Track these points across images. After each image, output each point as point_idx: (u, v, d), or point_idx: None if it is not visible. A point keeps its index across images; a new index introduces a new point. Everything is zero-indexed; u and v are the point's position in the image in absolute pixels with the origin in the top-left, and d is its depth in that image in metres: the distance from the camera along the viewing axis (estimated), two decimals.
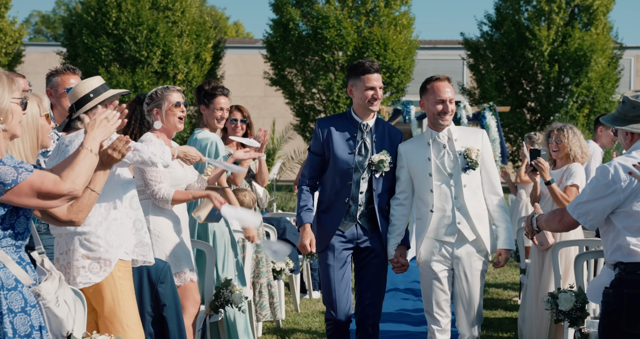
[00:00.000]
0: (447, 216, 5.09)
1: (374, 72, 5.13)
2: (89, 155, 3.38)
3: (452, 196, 5.09)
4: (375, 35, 22.82)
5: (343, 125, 5.20)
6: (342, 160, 5.13)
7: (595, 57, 22.48)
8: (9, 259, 3.18)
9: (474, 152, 5.10)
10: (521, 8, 23.72)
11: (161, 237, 4.91)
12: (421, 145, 5.19)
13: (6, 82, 3.27)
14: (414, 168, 5.15)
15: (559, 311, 5.28)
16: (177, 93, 5.13)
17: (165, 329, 4.76)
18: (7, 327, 3.12)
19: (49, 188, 3.19)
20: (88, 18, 22.65)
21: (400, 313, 8.26)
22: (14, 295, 3.16)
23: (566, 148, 6.57)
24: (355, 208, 5.15)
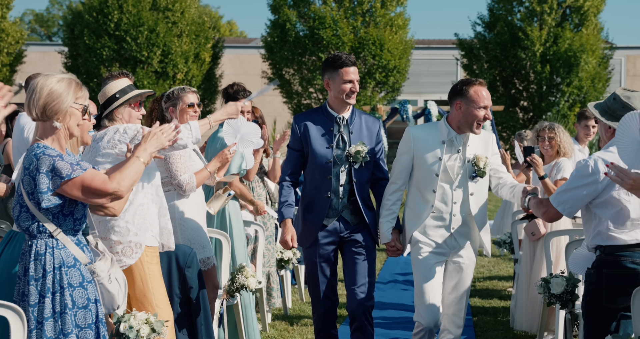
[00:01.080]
0: (443, 218, 5.06)
1: (351, 65, 5.07)
2: (138, 162, 3.78)
3: (452, 200, 5.05)
4: (371, 36, 23.23)
5: (319, 119, 5.16)
6: (320, 154, 5.09)
7: (586, 57, 22.90)
8: (69, 240, 3.61)
9: (482, 160, 5.02)
10: (514, 9, 24.13)
11: (186, 226, 5.31)
12: (434, 140, 5.06)
13: (73, 88, 3.69)
14: (420, 162, 5.05)
15: (551, 294, 5.72)
16: (192, 94, 5.53)
17: (192, 310, 5.19)
18: (67, 299, 3.55)
19: (97, 186, 3.61)
20: (90, 19, 23.02)
21: (401, 301, 8.69)
22: (73, 272, 3.60)
23: (556, 145, 7.07)
24: (337, 202, 5.12)
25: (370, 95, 23.45)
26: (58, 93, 3.64)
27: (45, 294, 3.55)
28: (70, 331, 3.51)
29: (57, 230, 3.61)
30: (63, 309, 3.53)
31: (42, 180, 3.55)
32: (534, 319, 7.00)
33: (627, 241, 4.33)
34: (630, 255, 4.33)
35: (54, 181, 3.56)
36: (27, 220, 3.61)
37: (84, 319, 3.60)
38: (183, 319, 5.16)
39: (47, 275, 3.56)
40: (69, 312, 3.55)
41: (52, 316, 3.53)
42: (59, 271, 3.57)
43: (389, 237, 5.14)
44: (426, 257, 5.10)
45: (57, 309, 3.54)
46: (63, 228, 3.61)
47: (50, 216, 3.60)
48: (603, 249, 4.37)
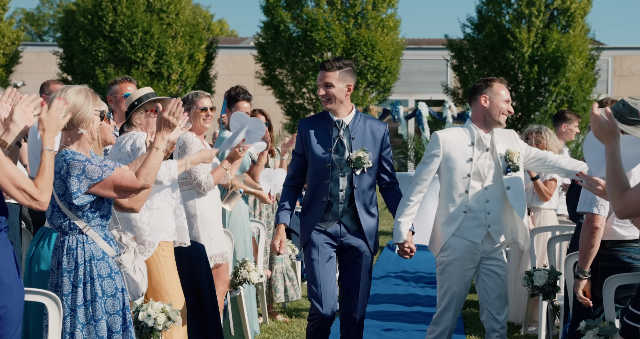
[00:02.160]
0: (478, 218, 5.03)
1: (324, 69, 5.05)
2: (158, 153, 4.17)
3: (485, 199, 5.03)
4: (363, 37, 23.58)
5: (321, 123, 5.14)
6: (318, 158, 5.08)
7: (573, 58, 23.31)
8: (97, 236, 3.99)
9: (515, 155, 5.05)
10: (502, 11, 24.51)
11: (206, 221, 5.66)
12: (463, 142, 5.08)
13: (91, 98, 4.08)
14: (451, 164, 5.04)
15: (534, 286, 6.13)
16: (205, 99, 5.90)
17: (201, 301, 5.57)
18: (97, 288, 3.93)
19: (127, 184, 4.00)
20: (85, 21, 23.31)
21: (394, 295, 9.07)
22: (102, 264, 3.98)
23: (545, 147, 7.48)
24: (337, 206, 5.09)
25: (362, 96, 23.84)
26: (81, 104, 4.02)
27: (78, 285, 3.92)
28: (101, 317, 3.89)
29: (86, 226, 3.98)
30: (93, 298, 3.90)
31: (73, 183, 3.92)
32: (520, 311, 7.42)
33: (625, 237, 4.73)
34: (627, 249, 4.72)
35: (84, 183, 3.93)
36: (59, 218, 3.98)
37: (113, 307, 3.98)
38: (193, 310, 5.53)
39: (79, 267, 3.93)
40: (98, 300, 3.92)
41: (84, 304, 3.90)
42: (90, 264, 3.94)
43: (404, 237, 5.05)
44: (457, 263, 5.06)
45: (88, 298, 3.92)
46: (91, 224, 3.99)
47: (80, 214, 3.97)
48: (602, 243, 4.76)
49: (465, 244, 5.05)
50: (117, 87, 6.06)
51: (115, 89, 6.06)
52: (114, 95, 6.06)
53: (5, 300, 3.30)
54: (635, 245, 4.69)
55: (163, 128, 4.29)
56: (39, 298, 3.68)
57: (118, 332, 4.00)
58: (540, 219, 7.48)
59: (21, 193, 3.36)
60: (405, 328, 7.47)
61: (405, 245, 5.05)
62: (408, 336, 7.19)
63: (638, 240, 4.67)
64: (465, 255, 5.06)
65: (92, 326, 3.92)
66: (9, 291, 3.32)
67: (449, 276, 5.08)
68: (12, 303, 3.33)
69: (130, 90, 5.98)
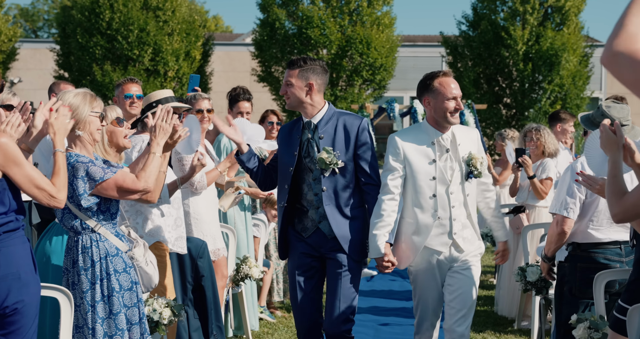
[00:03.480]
0: (443, 225, 4.70)
1: (288, 67, 4.82)
2: (156, 158, 4.27)
3: (450, 204, 4.69)
4: (358, 34, 23.72)
5: (295, 126, 4.90)
6: (282, 162, 4.86)
7: (567, 55, 23.50)
8: (109, 233, 4.13)
9: (478, 159, 4.72)
10: (497, 8, 24.68)
11: (199, 219, 5.84)
12: (423, 142, 4.73)
13: (88, 99, 4.21)
14: (415, 167, 4.70)
15: (527, 282, 6.30)
16: (203, 101, 6.05)
17: (203, 296, 5.72)
18: (114, 283, 4.08)
19: (128, 186, 4.13)
20: (82, 18, 23.42)
21: (390, 291, 9.24)
22: (117, 259, 4.13)
23: (542, 146, 7.67)
24: (314, 212, 4.78)
25: (357, 93, 23.99)
26: (76, 106, 4.15)
27: (95, 282, 4.07)
28: (119, 311, 4.05)
29: (97, 225, 4.13)
30: (111, 293, 4.06)
31: (79, 184, 4.06)
32: (514, 306, 7.59)
33: (601, 239, 4.93)
34: (603, 251, 4.92)
35: (89, 184, 4.08)
36: (70, 219, 4.13)
37: (130, 300, 4.14)
38: (195, 304, 5.69)
39: (95, 265, 4.08)
40: (116, 294, 4.08)
41: (102, 299, 4.06)
42: (105, 261, 4.09)
43: (382, 252, 4.66)
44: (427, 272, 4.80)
45: (106, 293, 4.07)
46: (102, 223, 4.13)
47: (90, 214, 4.12)
48: (578, 246, 4.96)
49: (431, 253, 4.73)
50: (122, 88, 6.20)
51: (119, 90, 6.21)
52: (119, 96, 6.21)
53: (23, 295, 3.45)
54: (610, 247, 4.90)
55: (157, 134, 4.35)
56: (52, 293, 3.83)
57: (136, 324, 4.16)
58: (535, 216, 7.65)
59: (41, 192, 3.51)
60: (401, 323, 7.64)
61: (384, 259, 4.67)
62: (404, 330, 7.35)
63: (613, 242, 4.88)
64: (432, 263, 4.75)
65: (112, 320, 4.07)
66: (26, 287, 3.47)
67: (419, 285, 4.82)
68: (28, 298, 3.48)
69: (135, 91, 6.13)
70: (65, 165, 3.72)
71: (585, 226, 4.95)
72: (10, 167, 3.44)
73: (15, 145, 3.52)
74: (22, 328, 3.47)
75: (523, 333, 7.20)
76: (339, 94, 23.93)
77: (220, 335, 5.75)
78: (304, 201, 4.81)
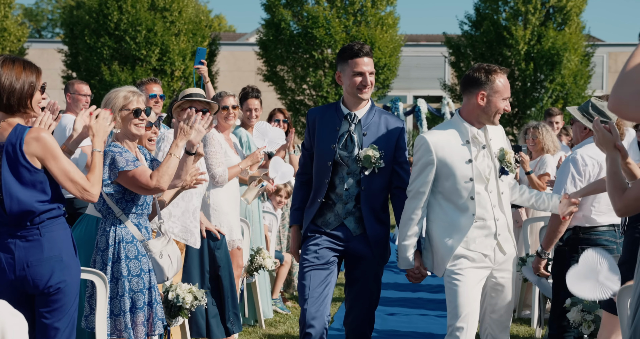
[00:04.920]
0: (487, 226, 4.45)
1: (363, 56, 4.56)
2: (173, 159, 4.45)
3: (491, 205, 4.46)
4: (362, 34, 24.02)
5: (330, 115, 4.69)
6: (321, 154, 4.63)
7: (568, 55, 23.78)
8: (129, 221, 4.45)
9: (511, 155, 4.55)
10: (499, 9, 24.96)
11: (218, 210, 6.15)
12: (457, 141, 4.46)
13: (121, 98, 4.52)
14: (449, 169, 4.42)
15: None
16: (228, 98, 6.36)
17: (220, 285, 6.04)
18: (123, 268, 4.41)
19: (142, 182, 4.39)
20: (90, 19, 23.78)
21: (396, 283, 9.56)
22: (130, 246, 4.44)
23: (541, 142, 8.00)
24: (341, 207, 4.61)
25: None
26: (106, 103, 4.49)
27: (107, 263, 4.40)
28: (123, 294, 4.37)
29: (120, 212, 4.45)
30: (119, 276, 4.37)
31: (105, 171, 4.37)
32: (516, 296, 7.91)
33: (601, 223, 5.30)
34: (603, 233, 5.30)
35: (112, 172, 4.40)
36: (100, 203, 4.47)
37: (137, 285, 4.43)
38: (213, 292, 6.01)
39: (109, 248, 4.41)
40: (123, 278, 4.39)
41: (112, 280, 4.39)
42: (118, 246, 4.41)
43: (412, 263, 4.49)
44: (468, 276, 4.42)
45: (116, 276, 4.39)
46: (126, 211, 4.45)
47: (115, 201, 4.44)
48: (580, 229, 5.31)
49: (476, 256, 4.45)
50: (145, 88, 6.54)
51: (142, 89, 6.55)
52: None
53: (65, 275, 3.79)
54: (608, 229, 5.26)
55: (178, 135, 4.53)
56: (89, 276, 4.17)
57: (141, 308, 4.44)
58: (532, 211, 7.98)
59: (74, 185, 3.82)
60: (408, 313, 7.97)
61: (415, 270, 4.52)
62: (410, 320, 7.68)
63: (610, 225, 5.23)
64: (475, 265, 4.45)
65: (117, 300, 4.39)
66: (68, 268, 3.81)
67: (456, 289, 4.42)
68: (70, 278, 3.81)
69: (157, 90, 6.47)
70: (101, 163, 4.02)
71: (589, 211, 5.31)
72: (49, 160, 3.75)
73: (53, 140, 3.82)
74: (65, 306, 3.80)
75: (524, 321, 7.51)
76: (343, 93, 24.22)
77: (237, 322, 6.07)
78: (333, 194, 4.62)
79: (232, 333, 6.02)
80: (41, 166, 3.77)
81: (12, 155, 3.71)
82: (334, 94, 24.14)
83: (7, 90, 3.73)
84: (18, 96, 3.75)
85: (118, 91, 4.56)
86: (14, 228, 3.75)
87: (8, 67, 3.75)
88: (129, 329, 4.36)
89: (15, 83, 3.73)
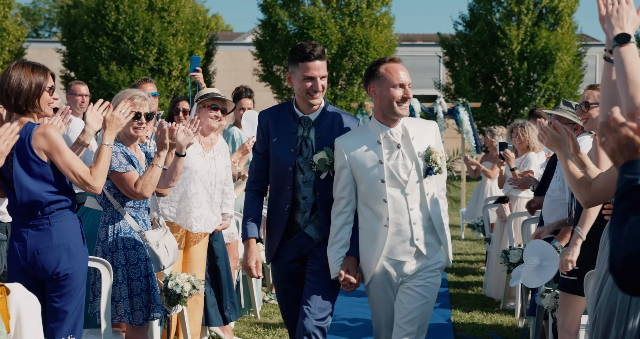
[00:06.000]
0: (403, 231, 4.14)
1: (314, 59, 4.20)
2: (156, 168, 4.63)
3: (408, 207, 4.13)
4: (357, 35, 24.34)
5: (285, 118, 4.36)
6: (280, 160, 4.32)
7: (561, 55, 24.12)
8: (127, 213, 4.74)
9: (438, 154, 4.17)
10: (493, 9, 25.29)
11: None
12: (368, 142, 4.17)
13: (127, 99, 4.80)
14: (360, 171, 4.16)
15: (510, 263, 6.93)
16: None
17: (217, 276, 6.32)
18: (121, 257, 4.69)
19: (128, 187, 4.60)
20: (88, 19, 24.08)
21: None
22: (128, 237, 4.72)
23: (527, 141, 8.32)
24: (300, 216, 4.33)
25: (357, 92, 24.63)
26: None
27: (107, 253, 4.69)
28: (122, 282, 4.65)
29: (118, 205, 4.73)
30: (118, 265, 4.67)
31: None
32: (500, 288, 8.24)
33: None
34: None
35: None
36: (101, 197, 4.77)
37: (135, 273, 4.72)
38: (211, 282, 6.30)
39: (109, 239, 4.70)
40: (121, 267, 4.67)
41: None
42: (117, 237, 4.69)
43: (337, 271, 4.19)
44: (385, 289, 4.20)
45: (115, 265, 4.67)
46: (125, 205, 4.74)
47: (113, 195, 4.73)
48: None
49: (391, 264, 4.17)
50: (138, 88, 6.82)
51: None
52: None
53: (72, 263, 4.08)
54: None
55: (158, 147, 4.73)
56: (95, 264, 4.47)
57: (139, 295, 4.72)
58: (517, 206, 8.30)
59: (77, 178, 4.10)
60: None
61: (340, 279, 4.19)
62: None
63: None
64: (393, 277, 4.18)
65: (117, 287, 4.68)
66: (76, 256, 4.10)
67: (376, 305, 4.25)
68: (77, 266, 4.10)
69: (150, 89, 6.75)
70: (107, 157, 4.26)
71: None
72: (54, 153, 4.03)
73: (59, 135, 4.10)
74: (72, 291, 4.10)
75: (508, 312, 7.83)
76: (338, 93, 24.56)
77: (234, 311, 6.35)
78: (290, 204, 4.33)
79: (229, 321, 6.30)
80: (48, 159, 4.04)
81: (21, 150, 3.99)
82: (330, 94, 24.44)
83: (15, 91, 4.00)
84: (25, 96, 4.01)
85: (127, 92, 4.82)
86: (26, 217, 4.06)
87: (17, 69, 4.04)
88: (128, 314, 4.65)
89: (23, 83, 4.00)
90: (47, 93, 4.11)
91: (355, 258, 4.22)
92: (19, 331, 3.32)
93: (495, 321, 7.39)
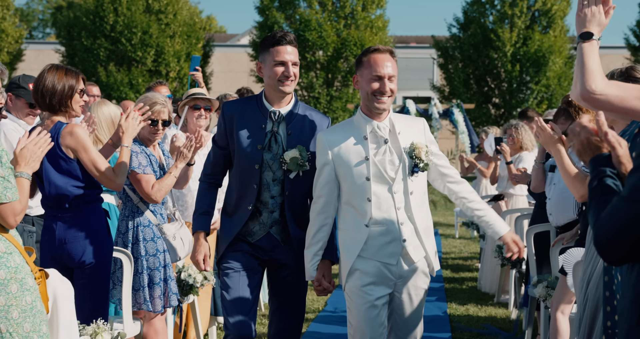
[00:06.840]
0: (389, 231, 3.87)
1: (285, 44, 4.03)
2: (171, 178, 4.96)
3: (395, 206, 3.89)
4: (353, 37, 24.64)
5: (252, 111, 4.10)
6: (245, 156, 4.07)
7: (553, 57, 24.46)
8: (146, 207, 5.05)
9: (422, 150, 3.90)
10: (486, 12, 25.62)
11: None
12: (354, 137, 3.92)
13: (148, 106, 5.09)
14: (344, 168, 3.90)
15: (503, 257, 7.24)
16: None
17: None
18: (141, 249, 4.98)
19: (143, 188, 4.91)
20: (87, 21, 24.33)
21: None
22: (147, 230, 5.03)
23: (520, 141, 8.64)
24: (267, 216, 4.10)
25: (352, 93, 24.94)
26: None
27: (127, 245, 4.98)
28: (142, 272, 4.94)
29: (137, 199, 5.03)
30: (138, 256, 4.96)
31: None
32: (494, 282, 8.56)
33: None
34: None
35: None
36: (122, 192, 5.07)
37: (154, 264, 5.01)
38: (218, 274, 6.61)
39: (129, 231, 4.99)
40: (141, 258, 4.96)
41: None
42: (137, 229, 4.98)
43: (313, 274, 3.98)
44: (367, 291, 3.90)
45: (135, 255, 4.97)
46: (143, 200, 5.04)
47: (132, 190, 5.03)
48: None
49: (375, 266, 3.91)
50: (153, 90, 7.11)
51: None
52: None
53: (96, 253, 4.38)
54: None
55: (179, 159, 5.06)
56: (118, 255, 4.77)
57: (158, 284, 5.01)
58: (512, 204, 8.62)
59: (101, 175, 4.40)
60: None
61: (315, 283, 4.01)
62: None
63: None
64: (377, 279, 3.90)
65: (137, 277, 4.97)
66: (100, 247, 4.40)
67: (356, 310, 3.91)
68: (101, 256, 4.40)
69: (164, 92, 7.03)
70: (127, 157, 4.58)
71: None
72: (80, 151, 4.34)
73: (85, 134, 4.41)
74: (97, 279, 4.40)
75: (502, 305, 8.14)
76: (334, 94, 24.87)
77: None
78: (257, 202, 4.12)
79: None
80: (74, 156, 4.35)
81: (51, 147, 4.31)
82: (325, 95, 24.74)
83: (49, 92, 4.33)
84: (59, 97, 4.34)
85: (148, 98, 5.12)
86: (55, 209, 4.37)
87: (52, 72, 4.37)
88: (147, 302, 4.95)
89: (57, 85, 4.33)
90: (78, 95, 4.42)
91: (330, 261, 4.05)
92: (55, 312, 3.62)
93: (490, 313, 7.69)
